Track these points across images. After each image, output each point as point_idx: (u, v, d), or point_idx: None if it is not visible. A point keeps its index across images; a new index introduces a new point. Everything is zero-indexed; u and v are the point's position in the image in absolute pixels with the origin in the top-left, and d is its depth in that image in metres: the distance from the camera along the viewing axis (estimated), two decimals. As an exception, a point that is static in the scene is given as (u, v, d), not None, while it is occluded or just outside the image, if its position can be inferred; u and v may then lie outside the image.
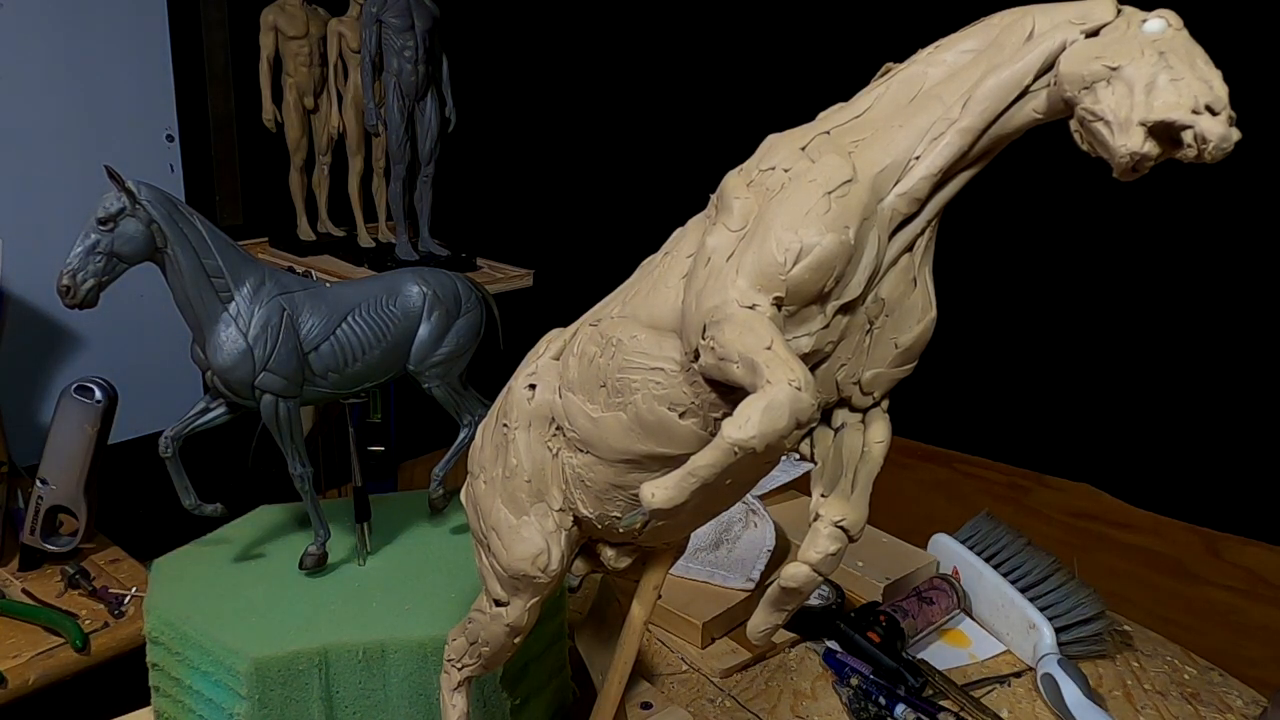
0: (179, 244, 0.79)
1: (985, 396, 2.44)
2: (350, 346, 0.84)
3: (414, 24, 1.82)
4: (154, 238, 0.78)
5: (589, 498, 0.54)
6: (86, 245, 0.77)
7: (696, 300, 0.44)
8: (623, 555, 0.61)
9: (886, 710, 0.92)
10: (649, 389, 0.47)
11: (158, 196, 0.78)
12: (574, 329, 0.55)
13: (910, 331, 0.46)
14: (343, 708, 0.77)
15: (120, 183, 0.77)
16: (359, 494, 0.89)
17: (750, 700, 0.96)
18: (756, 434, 0.38)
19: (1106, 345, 2.26)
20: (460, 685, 0.67)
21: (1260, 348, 2.05)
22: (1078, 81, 0.37)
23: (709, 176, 0.50)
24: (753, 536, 1.11)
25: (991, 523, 1.15)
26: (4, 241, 1.75)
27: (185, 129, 2.10)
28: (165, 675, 0.80)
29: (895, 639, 0.99)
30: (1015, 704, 0.97)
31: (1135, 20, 0.37)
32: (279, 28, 1.97)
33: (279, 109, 2.01)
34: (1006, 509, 1.99)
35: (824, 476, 0.46)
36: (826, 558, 0.44)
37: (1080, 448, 2.32)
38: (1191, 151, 0.35)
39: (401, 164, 1.91)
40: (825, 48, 2.49)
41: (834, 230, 0.41)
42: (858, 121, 0.44)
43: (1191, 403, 2.15)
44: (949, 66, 0.43)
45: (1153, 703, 0.98)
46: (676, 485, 0.41)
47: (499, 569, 0.58)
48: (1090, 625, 1.02)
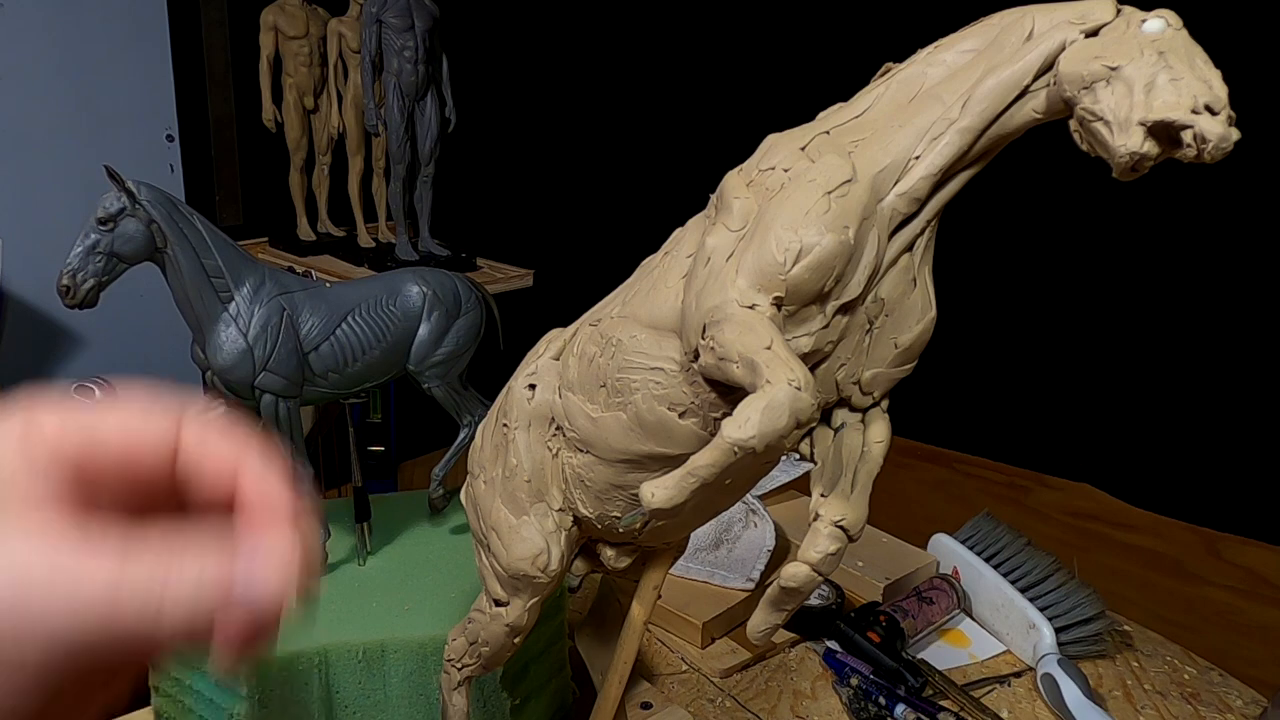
0: (179, 244, 0.79)
1: (985, 396, 2.44)
2: (350, 346, 0.84)
3: (414, 24, 1.82)
4: (154, 238, 0.78)
5: (589, 498, 0.54)
6: (86, 245, 0.77)
7: (696, 300, 0.44)
8: (623, 555, 0.61)
9: (886, 710, 0.92)
10: (649, 389, 0.47)
11: (158, 196, 0.78)
12: (574, 329, 0.55)
13: (910, 331, 0.46)
14: (343, 708, 0.77)
15: (120, 183, 0.77)
16: (359, 494, 0.89)
17: (750, 700, 0.96)
18: (756, 434, 0.38)
19: (1106, 345, 2.26)
20: (460, 685, 0.67)
21: (1260, 348, 2.05)
22: (1077, 81, 0.37)
23: (709, 176, 0.50)
24: (753, 536, 1.11)
25: (991, 523, 1.15)
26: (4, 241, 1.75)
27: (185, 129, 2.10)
28: (165, 675, 0.80)
29: (895, 639, 0.99)
30: (1015, 704, 0.97)
31: (1135, 20, 0.37)
32: (279, 28, 1.97)
33: (279, 109, 2.02)
34: (1006, 509, 1.99)
35: (824, 476, 0.46)
36: (826, 557, 0.44)
37: (1080, 448, 2.32)
38: (1191, 151, 0.35)
39: (401, 164, 1.91)
40: (825, 48, 2.49)
41: (834, 230, 0.41)
42: (857, 121, 0.44)
43: (1191, 402, 2.15)
44: (948, 66, 0.43)
45: (1153, 703, 0.98)
46: (676, 485, 0.41)
47: (499, 569, 0.58)
48: (1090, 625, 1.02)
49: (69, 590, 0.25)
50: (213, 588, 0.26)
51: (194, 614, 0.26)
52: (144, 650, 0.26)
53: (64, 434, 0.28)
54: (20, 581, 0.25)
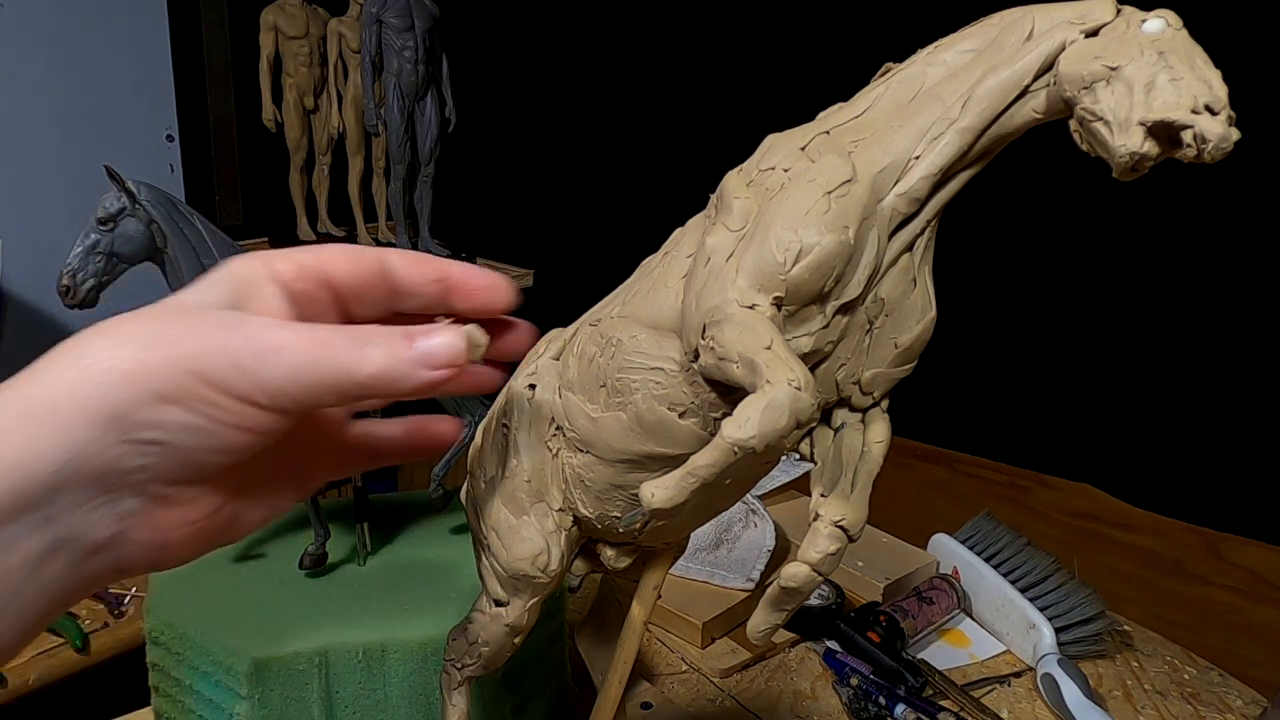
0: (179, 244, 0.79)
1: (985, 396, 2.44)
2: (350, 346, 0.83)
3: (414, 24, 1.82)
4: (154, 238, 0.78)
5: (589, 498, 0.54)
6: (86, 245, 0.77)
7: (696, 300, 0.44)
8: (623, 555, 0.61)
9: (886, 710, 0.92)
10: (649, 389, 0.47)
11: (158, 196, 0.78)
12: (574, 329, 0.55)
13: (910, 331, 0.46)
14: (343, 708, 0.77)
15: (120, 183, 0.77)
16: (359, 494, 0.89)
17: (750, 700, 0.96)
18: (756, 434, 0.38)
19: (1106, 345, 2.26)
20: (460, 685, 0.67)
21: (1260, 348, 2.05)
22: (1077, 81, 0.37)
23: (709, 176, 0.50)
24: (753, 536, 1.11)
25: (991, 523, 1.15)
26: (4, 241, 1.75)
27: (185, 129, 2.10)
28: (165, 675, 0.80)
29: (895, 639, 0.99)
30: (1015, 704, 0.97)
31: (1135, 20, 0.37)
32: (279, 28, 1.97)
33: (279, 109, 2.02)
34: (1006, 509, 1.99)
35: (824, 476, 0.46)
36: (826, 558, 0.44)
37: (1080, 448, 2.32)
38: (1191, 151, 0.35)
39: (401, 164, 1.91)
40: (825, 48, 2.49)
41: (834, 230, 0.41)
42: (857, 121, 0.44)
43: (1191, 402, 2.15)
44: (948, 66, 0.43)
45: (1153, 703, 0.98)
46: (676, 485, 0.41)
47: (499, 569, 0.58)
48: (1090, 625, 1.02)
49: (294, 348, 0.34)
50: (400, 350, 0.35)
51: (386, 366, 0.35)
52: (349, 394, 0.35)
53: (293, 267, 0.39)
54: (259, 341, 0.34)
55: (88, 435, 0.32)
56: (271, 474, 0.40)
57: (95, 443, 0.32)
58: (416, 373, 0.35)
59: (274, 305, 0.37)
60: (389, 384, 0.35)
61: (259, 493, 0.40)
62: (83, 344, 0.34)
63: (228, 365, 0.33)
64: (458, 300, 0.41)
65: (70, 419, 0.32)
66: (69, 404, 0.32)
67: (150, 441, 0.33)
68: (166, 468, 0.34)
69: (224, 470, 0.36)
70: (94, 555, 0.34)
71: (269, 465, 0.40)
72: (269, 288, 0.38)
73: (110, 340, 0.33)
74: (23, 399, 0.32)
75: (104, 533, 0.34)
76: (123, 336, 0.33)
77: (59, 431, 0.32)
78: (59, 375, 0.33)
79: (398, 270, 0.40)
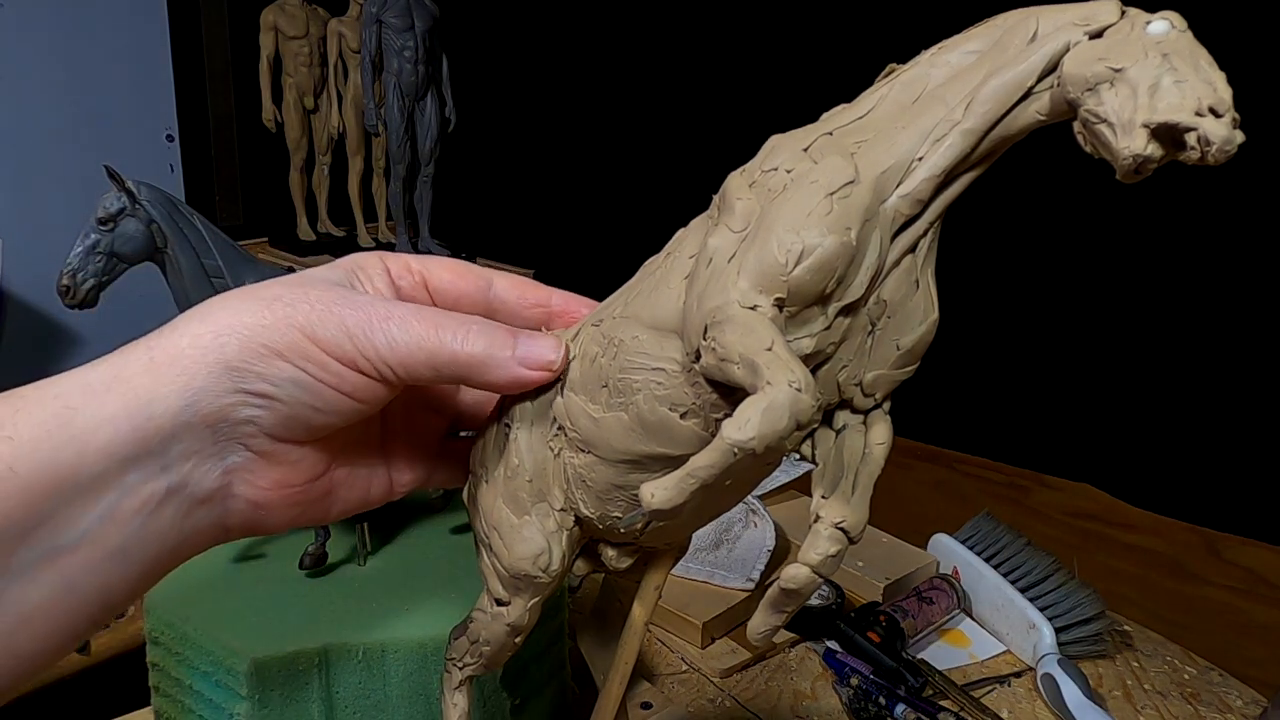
0: (179, 244, 0.79)
1: (985, 396, 2.44)
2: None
3: (414, 24, 1.82)
4: (154, 238, 0.78)
5: (590, 498, 0.54)
6: (86, 245, 0.77)
7: (698, 301, 0.44)
8: (624, 555, 0.61)
9: (886, 710, 0.92)
10: (650, 389, 0.47)
11: (158, 196, 0.78)
12: (576, 329, 0.55)
13: (912, 333, 0.45)
14: (343, 708, 0.77)
15: (120, 183, 0.77)
16: (359, 494, 0.88)
17: (750, 700, 0.96)
18: (756, 435, 0.38)
19: (1105, 345, 2.26)
20: (461, 684, 0.67)
21: (1260, 348, 2.05)
22: (1081, 83, 0.37)
23: (711, 177, 0.50)
24: (753, 536, 1.11)
25: (991, 523, 1.15)
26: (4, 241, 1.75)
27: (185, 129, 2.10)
28: (165, 675, 0.80)
29: (895, 639, 0.99)
30: (1015, 704, 0.97)
31: (1139, 22, 0.37)
32: (279, 28, 1.97)
33: (279, 109, 2.02)
34: (1006, 509, 1.99)
35: (825, 478, 0.46)
36: (827, 559, 0.44)
37: (1080, 448, 2.32)
38: (1195, 154, 0.34)
39: (401, 164, 1.91)
40: (829, 49, 2.49)
41: (836, 232, 0.41)
42: (861, 122, 0.44)
43: (1191, 402, 2.15)
44: (952, 68, 0.43)
45: (1153, 703, 0.98)
46: (676, 486, 0.41)
47: (500, 569, 0.58)
48: (1090, 625, 1.02)
49: (399, 319, 0.38)
50: (502, 341, 0.40)
51: (486, 353, 0.39)
52: (444, 370, 0.39)
53: (401, 265, 0.44)
54: (367, 311, 0.38)
55: (205, 383, 0.35)
56: (368, 461, 0.45)
57: (212, 389, 0.35)
58: (512, 366, 0.40)
59: (383, 290, 0.42)
60: (484, 370, 0.39)
61: (353, 479, 0.44)
62: (213, 305, 0.38)
63: (336, 329, 0.37)
64: (555, 327, 0.46)
65: (192, 367, 0.35)
66: (193, 355, 0.36)
67: (260, 394, 0.36)
68: (273, 422, 0.37)
69: (326, 438, 0.40)
70: (200, 506, 0.38)
71: (367, 452, 0.44)
72: (380, 275, 0.42)
73: (236, 302, 0.37)
74: (151, 351, 0.36)
75: (212, 484, 0.38)
76: (249, 300, 0.37)
77: (181, 378, 0.35)
78: (186, 330, 0.37)
79: (501, 291, 0.45)
